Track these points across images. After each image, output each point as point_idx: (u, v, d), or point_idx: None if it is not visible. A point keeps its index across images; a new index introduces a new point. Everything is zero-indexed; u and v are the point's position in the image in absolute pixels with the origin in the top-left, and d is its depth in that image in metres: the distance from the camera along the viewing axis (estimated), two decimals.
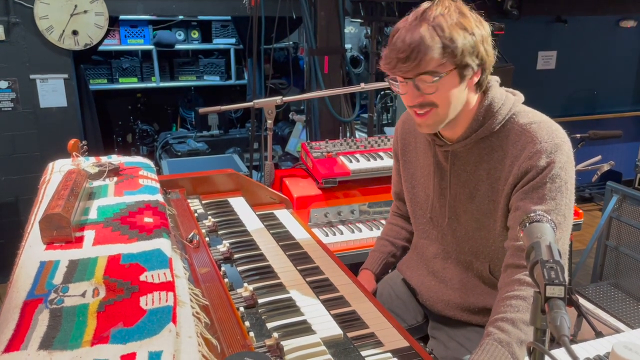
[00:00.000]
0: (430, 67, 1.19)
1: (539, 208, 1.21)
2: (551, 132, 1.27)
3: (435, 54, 1.18)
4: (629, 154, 5.50)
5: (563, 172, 1.23)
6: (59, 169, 1.63)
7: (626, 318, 2.64)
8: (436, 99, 1.25)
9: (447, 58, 1.19)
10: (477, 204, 1.38)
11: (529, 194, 1.24)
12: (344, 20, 3.73)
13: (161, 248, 1.14)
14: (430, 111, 1.27)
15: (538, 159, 1.24)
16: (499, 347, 1.11)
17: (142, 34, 5.30)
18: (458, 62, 1.20)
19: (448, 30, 1.18)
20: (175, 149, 4.98)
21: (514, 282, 1.21)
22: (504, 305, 1.18)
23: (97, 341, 0.83)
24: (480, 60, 1.24)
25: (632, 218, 2.83)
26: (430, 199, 1.50)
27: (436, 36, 1.17)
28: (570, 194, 1.25)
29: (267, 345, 1.13)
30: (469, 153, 1.37)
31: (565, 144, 1.26)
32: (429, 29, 1.18)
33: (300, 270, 1.53)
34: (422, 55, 1.18)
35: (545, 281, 0.73)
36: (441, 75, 1.20)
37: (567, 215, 1.23)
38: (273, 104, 2.23)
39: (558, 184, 1.22)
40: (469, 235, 1.43)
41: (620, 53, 5.47)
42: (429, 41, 1.17)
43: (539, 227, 0.86)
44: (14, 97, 3.64)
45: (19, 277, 1.02)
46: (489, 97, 1.32)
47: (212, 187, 2.11)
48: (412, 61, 1.18)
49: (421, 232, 1.59)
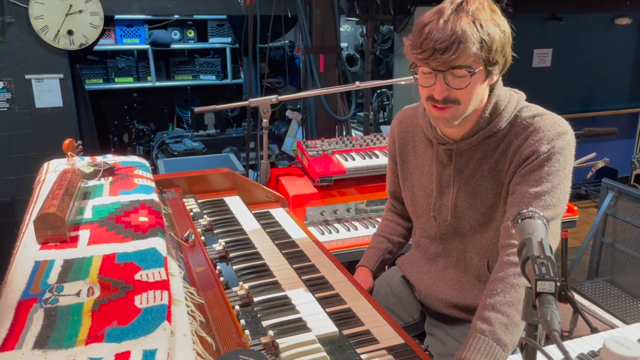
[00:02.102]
0: (467, 61, 1.18)
1: (535, 190, 1.21)
2: (554, 122, 1.28)
3: (474, 48, 1.16)
4: (625, 151, 5.52)
5: (562, 158, 1.24)
6: (54, 168, 1.63)
7: (622, 314, 2.65)
8: (461, 95, 1.23)
9: (482, 54, 1.18)
10: (482, 199, 1.38)
11: (525, 177, 1.25)
12: (340, 19, 3.73)
13: (156, 247, 1.14)
14: (451, 107, 1.26)
15: (540, 145, 1.24)
16: (482, 337, 1.09)
17: (137, 33, 5.29)
18: (490, 59, 1.19)
19: (486, 25, 1.17)
20: (171, 148, 4.97)
21: (498, 265, 1.20)
22: (486, 291, 1.17)
23: (92, 340, 0.84)
24: (505, 59, 1.24)
25: (627, 215, 2.85)
26: (433, 198, 1.49)
27: (476, 30, 1.16)
28: (567, 180, 1.25)
29: (262, 343, 1.13)
30: (473, 151, 1.37)
31: (567, 133, 1.27)
32: (469, 22, 1.16)
33: (296, 268, 1.53)
34: (463, 48, 1.15)
35: (536, 277, 0.74)
36: (475, 71, 1.19)
37: (561, 199, 1.23)
38: (269, 103, 2.23)
39: (556, 168, 1.23)
40: (474, 231, 1.43)
41: (615, 50, 5.48)
42: (470, 33, 1.15)
43: (531, 223, 0.87)
44: (10, 97, 3.63)
45: (14, 277, 1.02)
46: (495, 95, 1.32)
47: (207, 186, 2.11)
48: (452, 53, 1.15)
49: (422, 231, 1.59)
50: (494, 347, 1.04)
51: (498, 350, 1.04)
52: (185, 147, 4.97)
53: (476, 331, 1.10)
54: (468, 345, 1.09)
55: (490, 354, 1.04)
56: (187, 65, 5.70)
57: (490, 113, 1.32)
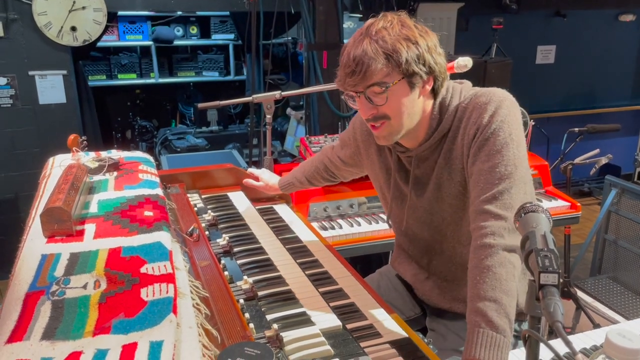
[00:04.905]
0: (376, 78, 1.22)
1: (488, 165, 1.21)
2: (489, 94, 1.29)
3: (379, 65, 1.21)
4: (628, 148, 5.51)
5: (505, 125, 1.24)
6: (59, 163, 1.64)
7: (624, 311, 2.65)
8: (388, 110, 1.27)
9: (392, 68, 1.22)
10: (449, 192, 1.38)
11: (477, 155, 1.25)
12: (343, 15, 3.73)
13: (161, 241, 1.15)
14: (384, 123, 1.30)
15: (481, 119, 1.25)
16: (480, 330, 1.07)
17: (140, 30, 5.29)
18: (405, 71, 1.23)
19: (390, 42, 1.21)
20: (174, 145, 4.98)
21: (472, 252, 1.18)
22: (469, 282, 1.15)
23: (99, 331, 0.85)
24: (429, 68, 1.26)
25: (630, 212, 2.85)
26: (397, 204, 1.52)
27: (378, 48, 1.21)
28: (517, 144, 1.24)
29: (267, 336, 1.14)
30: (433, 153, 1.39)
31: (505, 99, 1.27)
32: (371, 42, 1.22)
33: (300, 263, 1.54)
34: (367, 67, 1.21)
35: (540, 269, 0.74)
36: (388, 85, 1.23)
37: (517, 165, 1.22)
38: (272, 99, 2.24)
39: (502, 137, 1.23)
40: (447, 222, 1.43)
41: (619, 47, 5.47)
42: (371, 53, 1.21)
43: (534, 217, 0.87)
44: (13, 93, 3.64)
45: (21, 270, 1.03)
46: (440, 95, 1.35)
47: (211, 182, 2.12)
48: (358, 74, 1.22)
49: (397, 229, 1.61)
50: (495, 337, 1.05)
51: (499, 338, 1.05)
52: (188, 144, 4.98)
53: (473, 326, 1.11)
54: (471, 342, 1.10)
55: (494, 344, 1.04)
56: (189, 62, 5.70)
57: (439, 112, 1.35)
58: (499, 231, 1.14)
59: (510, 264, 1.12)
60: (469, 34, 4.60)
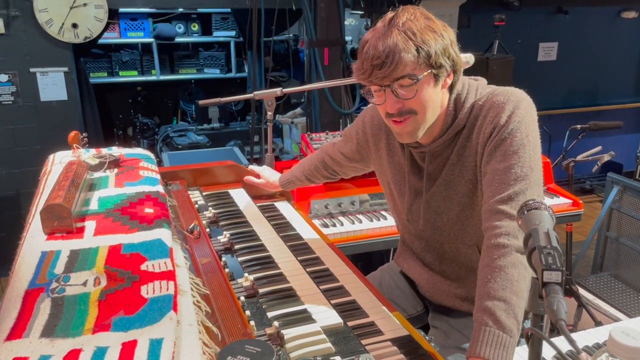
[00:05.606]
0: (407, 70, 1.20)
1: (504, 165, 1.21)
2: (507, 94, 1.28)
3: (411, 57, 1.19)
4: (630, 145, 5.49)
5: (523, 126, 1.23)
6: (60, 160, 1.63)
7: (626, 308, 2.64)
8: (414, 104, 1.25)
9: (422, 60, 1.20)
10: (458, 190, 1.38)
11: (492, 154, 1.25)
12: (344, 12, 3.72)
13: (162, 238, 1.15)
14: (408, 118, 1.28)
15: (498, 119, 1.25)
16: (487, 329, 1.07)
17: (141, 27, 5.28)
18: (433, 64, 1.21)
19: (419, 34, 1.19)
20: (175, 142, 4.98)
21: (484, 251, 1.17)
22: (479, 280, 1.14)
23: (99, 329, 0.84)
24: (452, 61, 1.25)
25: (632, 209, 2.84)
26: (407, 200, 1.50)
27: (409, 40, 1.19)
28: (533, 146, 1.24)
29: (267, 334, 1.14)
30: (446, 149, 1.38)
31: (523, 100, 1.27)
32: (400, 33, 1.19)
33: (301, 260, 1.54)
34: (398, 59, 1.18)
35: (543, 267, 0.73)
36: (419, 77, 1.21)
37: (533, 167, 1.22)
38: (273, 96, 2.23)
39: (519, 138, 1.22)
40: (452, 222, 1.43)
41: (621, 44, 5.45)
42: (402, 45, 1.18)
43: (537, 214, 0.86)
44: (14, 90, 3.64)
45: (21, 267, 1.03)
46: (455, 91, 1.33)
47: (212, 179, 2.12)
48: (389, 66, 1.19)
49: (403, 227, 1.60)
50: (502, 336, 1.04)
51: (506, 337, 1.04)
52: (189, 141, 4.98)
53: (480, 324, 1.10)
54: (477, 340, 1.09)
55: (500, 343, 1.04)
56: (191, 59, 5.69)
57: (454, 108, 1.33)
58: (514, 232, 1.14)
59: (522, 266, 1.11)
60: (470, 30, 4.59)
